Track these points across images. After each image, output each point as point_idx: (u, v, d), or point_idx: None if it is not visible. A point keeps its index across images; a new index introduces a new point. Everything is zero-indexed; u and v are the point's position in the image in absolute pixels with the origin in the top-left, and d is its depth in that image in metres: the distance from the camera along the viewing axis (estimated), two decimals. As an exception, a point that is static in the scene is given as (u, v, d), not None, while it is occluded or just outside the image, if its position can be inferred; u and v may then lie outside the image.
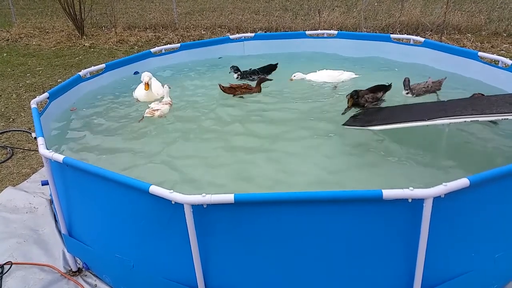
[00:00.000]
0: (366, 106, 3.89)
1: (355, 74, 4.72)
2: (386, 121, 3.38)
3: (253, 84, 4.55)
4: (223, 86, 4.39)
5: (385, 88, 4.05)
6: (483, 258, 2.39)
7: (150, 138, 3.67)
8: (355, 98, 3.85)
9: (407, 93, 4.17)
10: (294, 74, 4.75)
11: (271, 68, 5.03)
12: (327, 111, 3.99)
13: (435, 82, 4.19)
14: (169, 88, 4.25)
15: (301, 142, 3.48)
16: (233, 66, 4.93)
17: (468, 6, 9.66)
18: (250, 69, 4.95)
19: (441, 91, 4.20)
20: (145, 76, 4.29)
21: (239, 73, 4.89)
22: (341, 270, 2.24)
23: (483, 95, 3.73)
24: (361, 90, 3.91)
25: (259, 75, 4.85)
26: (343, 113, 3.82)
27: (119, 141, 3.65)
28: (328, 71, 4.78)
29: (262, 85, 4.48)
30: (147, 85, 4.27)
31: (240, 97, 4.34)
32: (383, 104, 4.01)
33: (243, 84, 4.41)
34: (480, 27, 8.95)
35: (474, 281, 2.38)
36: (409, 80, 4.15)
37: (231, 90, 4.36)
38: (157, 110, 3.99)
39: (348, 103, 3.89)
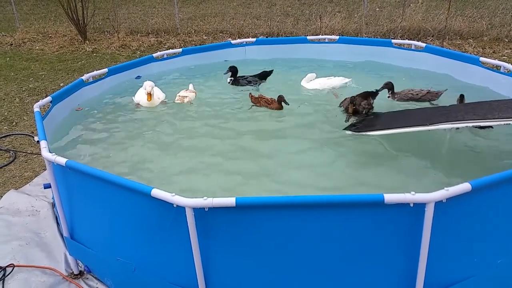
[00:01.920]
0: (363, 112, 3.88)
1: (346, 78, 4.69)
2: (388, 126, 3.38)
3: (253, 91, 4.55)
4: (252, 95, 4.39)
5: (373, 94, 4.04)
6: (485, 264, 2.38)
7: (152, 142, 3.68)
8: (354, 105, 3.85)
9: (388, 96, 4.22)
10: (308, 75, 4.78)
11: (265, 74, 4.97)
12: (325, 117, 4.00)
13: (432, 92, 4.16)
14: (193, 85, 4.75)
15: (301, 147, 3.48)
16: (231, 66, 4.88)
17: (469, 12, 9.67)
18: (245, 76, 4.92)
19: (442, 97, 4.19)
20: (148, 86, 4.31)
21: (232, 78, 4.87)
22: (342, 275, 2.24)
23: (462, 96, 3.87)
24: (356, 98, 3.91)
25: (252, 82, 4.83)
26: (346, 121, 3.82)
27: (122, 144, 3.67)
28: (319, 79, 4.78)
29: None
30: (150, 95, 4.31)
31: (251, 106, 4.29)
32: (384, 110, 4.02)
33: (269, 98, 4.27)
34: (482, 32, 8.96)
35: (476, 286, 2.38)
36: (391, 84, 4.19)
37: (256, 100, 4.32)
38: (186, 97, 4.45)
39: (348, 111, 3.89)
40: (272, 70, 5.01)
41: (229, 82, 4.88)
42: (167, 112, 4.29)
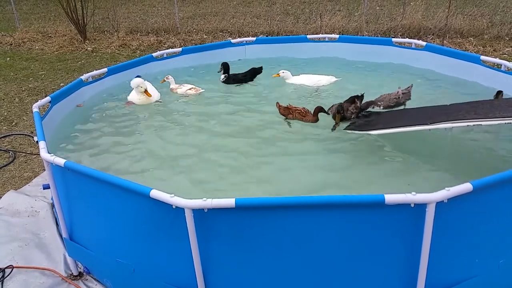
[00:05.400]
0: (352, 118, 3.79)
1: (335, 78, 4.65)
2: (389, 125, 3.37)
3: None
4: (280, 105, 4.01)
5: (359, 98, 3.90)
6: (486, 264, 2.36)
7: (150, 142, 3.66)
8: (341, 113, 3.73)
9: (372, 107, 3.97)
10: (282, 71, 4.76)
11: (254, 72, 4.92)
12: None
13: (406, 92, 4.00)
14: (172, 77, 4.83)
15: (299, 147, 3.47)
16: (223, 63, 4.87)
17: (470, 10, 9.66)
18: (236, 74, 4.90)
19: (441, 97, 4.15)
20: (141, 83, 4.33)
21: (226, 74, 4.85)
22: (342, 275, 2.23)
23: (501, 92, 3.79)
24: (343, 105, 3.79)
25: (244, 80, 4.80)
26: (332, 130, 3.71)
27: (121, 144, 3.65)
28: (308, 75, 4.78)
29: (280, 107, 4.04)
30: (147, 92, 4.34)
31: (288, 122, 3.90)
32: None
33: (302, 108, 3.91)
34: (482, 30, 8.94)
35: (477, 287, 2.36)
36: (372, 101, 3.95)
37: (286, 110, 3.94)
38: (194, 88, 4.64)
39: (335, 119, 3.75)
40: (261, 67, 4.96)
41: (222, 80, 4.86)
42: (164, 110, 4.29)
